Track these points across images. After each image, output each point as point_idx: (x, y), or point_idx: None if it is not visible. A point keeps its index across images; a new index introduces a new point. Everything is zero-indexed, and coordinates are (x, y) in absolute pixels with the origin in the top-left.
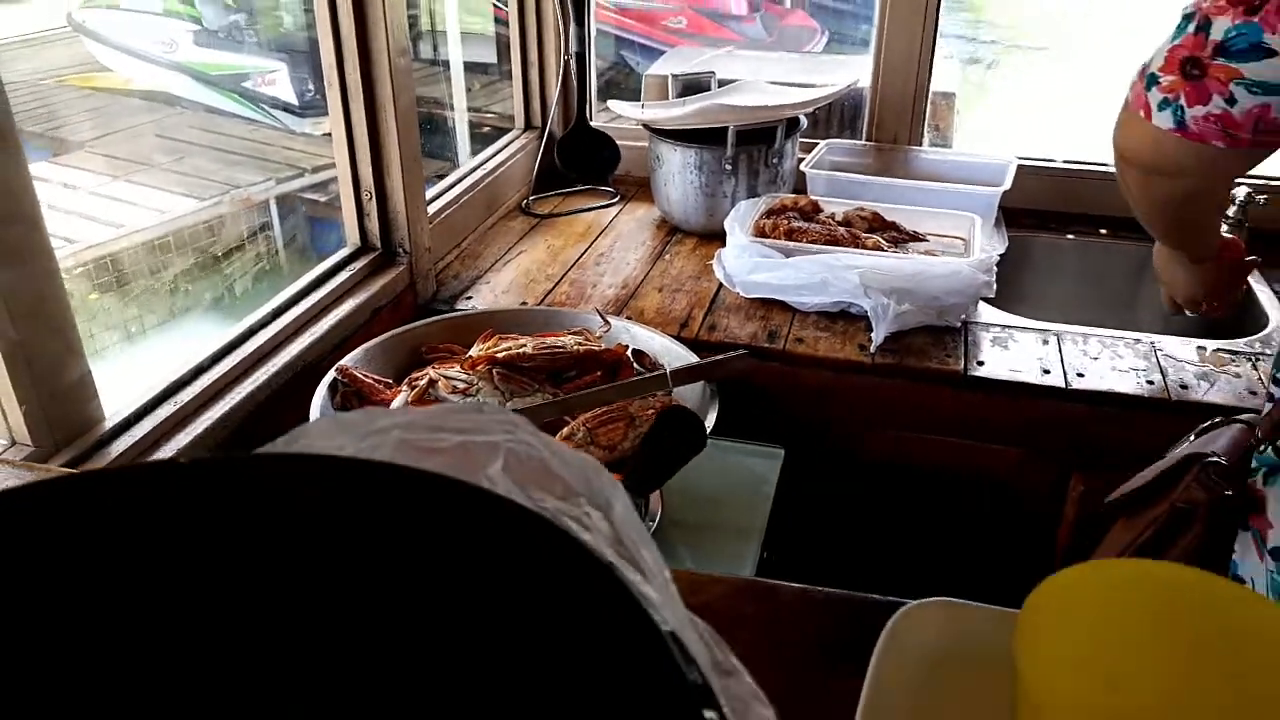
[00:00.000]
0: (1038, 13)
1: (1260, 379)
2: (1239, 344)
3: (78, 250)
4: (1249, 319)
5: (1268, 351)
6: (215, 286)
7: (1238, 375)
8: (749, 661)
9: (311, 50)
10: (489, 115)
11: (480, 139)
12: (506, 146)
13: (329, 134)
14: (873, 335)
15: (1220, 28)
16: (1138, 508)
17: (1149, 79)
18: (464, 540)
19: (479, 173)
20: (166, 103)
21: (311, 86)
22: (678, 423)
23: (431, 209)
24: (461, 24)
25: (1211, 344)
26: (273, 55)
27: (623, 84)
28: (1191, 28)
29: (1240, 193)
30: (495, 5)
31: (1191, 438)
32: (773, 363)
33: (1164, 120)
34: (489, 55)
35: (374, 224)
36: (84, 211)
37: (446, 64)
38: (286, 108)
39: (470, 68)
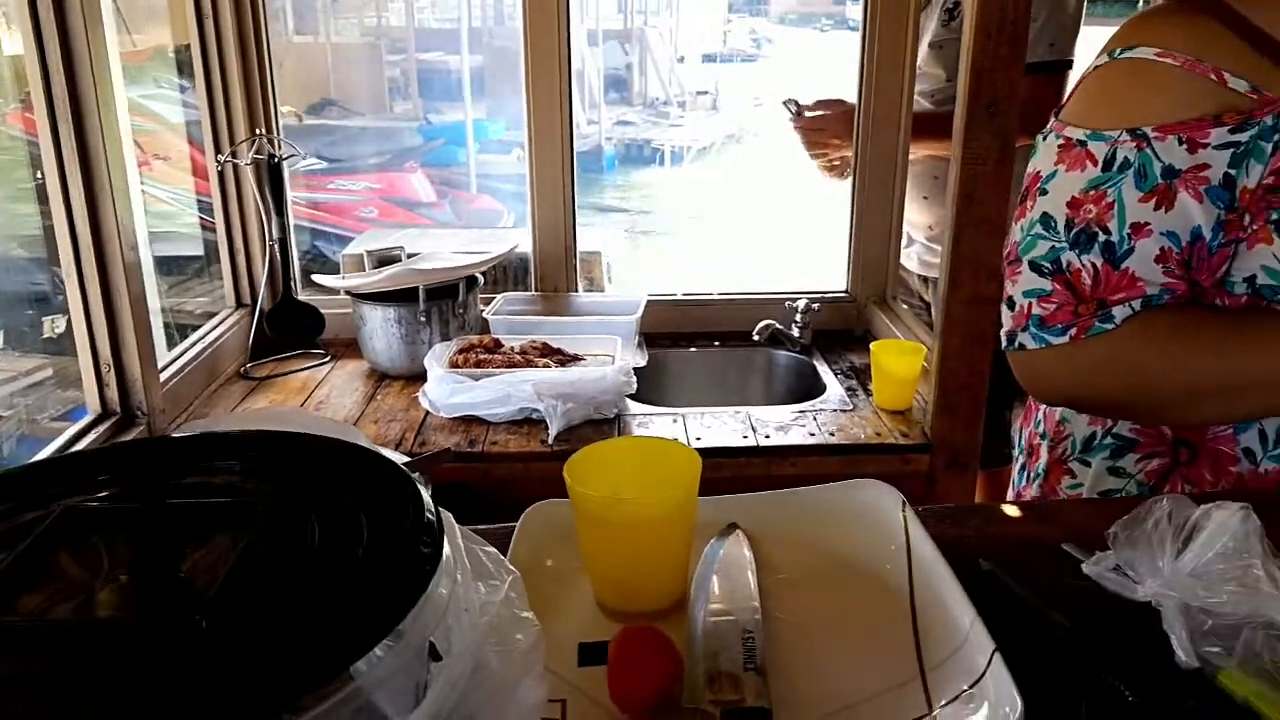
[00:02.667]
0: (693, 191)
1: (817, 428)
2: (805, 406)
3: None
4: (813, 388)
5: (826, 408)
6: None
7: (803, 426)
8: None
9: None
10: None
11: (178, 330)
12: (221, 323)
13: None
14: (549, 431)
15: None
16: None
17: None
18: (325, 455)
19: (198, 347)
20: None
21: None
22: None
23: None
24: (151, 225)
25: (788, 408)
26: None
27: (319, 270)
28: None
29: (801, 303)
30: (201, 216)
31: None
32: (475, 463)
33: None
34: (189, 250)
35: (113, 392)
36: None
37: None
38: None
39: (165, 265)
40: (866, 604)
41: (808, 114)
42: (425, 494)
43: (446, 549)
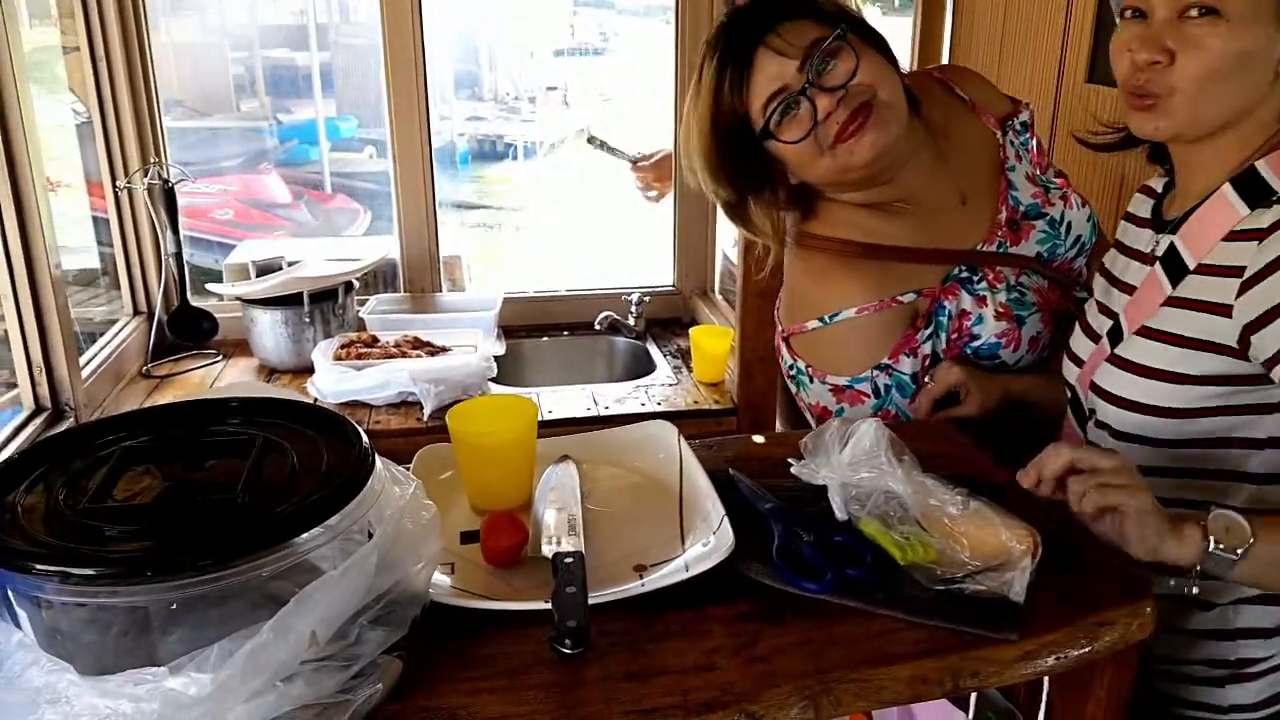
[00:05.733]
0: (546, 186)
1: (648, 399)
2: (639, 382)
3: None
4: (646, 368)
5: (656, 384)
6: None
7: (637, 398)
8: None
9: None
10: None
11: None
12: (122, 330)
13: None
14: (424, 410)
15: None
16: None
17: None
18: (291, 408)
19: (105, 351)
20: None
21: None
22: None
23: None
24: None
25: (625, 385)
26: None
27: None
28: None
29: (635, 296)
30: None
31: None
32: None
33: None
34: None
35: (44, 389)
36: None
37: None
38: None
39: None
40: (651, 498)
41: (642, 164)
42: (361, 431)
43: (378, 464)
